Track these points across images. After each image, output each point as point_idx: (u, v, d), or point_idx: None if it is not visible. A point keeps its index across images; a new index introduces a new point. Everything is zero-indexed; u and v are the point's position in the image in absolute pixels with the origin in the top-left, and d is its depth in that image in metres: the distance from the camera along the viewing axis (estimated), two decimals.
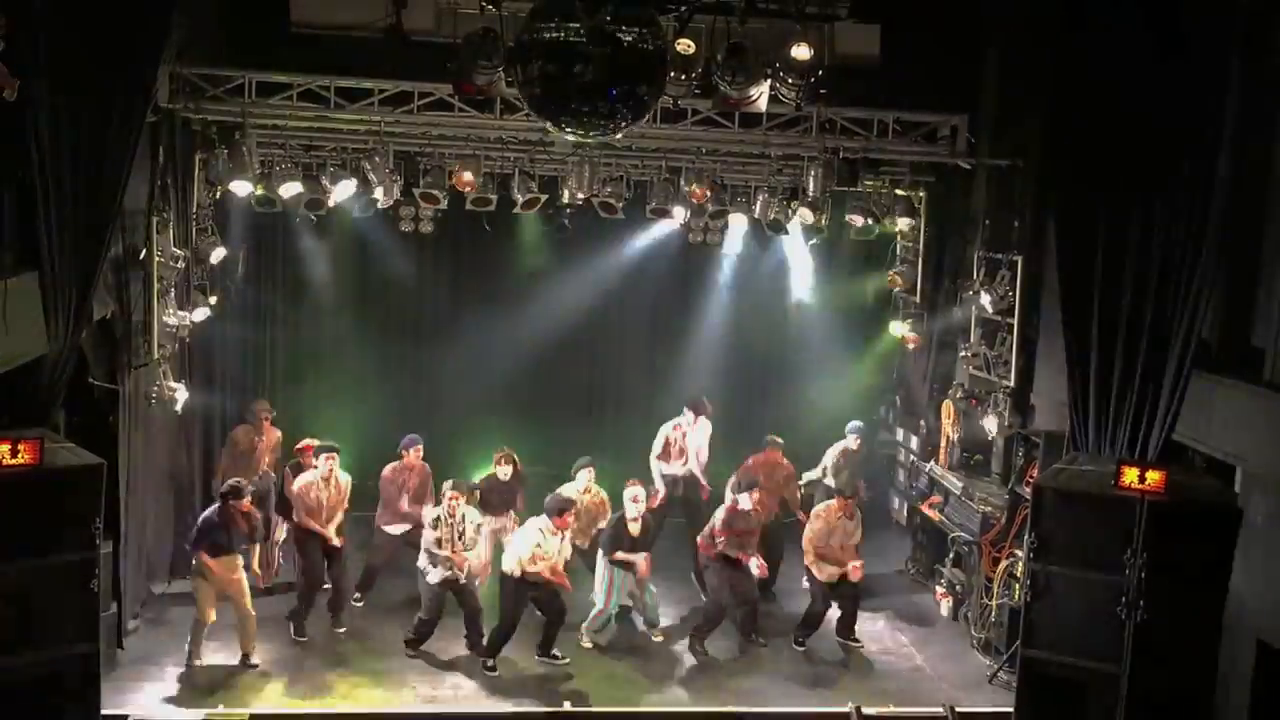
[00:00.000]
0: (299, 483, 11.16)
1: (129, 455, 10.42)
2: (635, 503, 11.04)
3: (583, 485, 11.71)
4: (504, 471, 11.81)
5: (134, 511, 10.58)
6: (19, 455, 7.71)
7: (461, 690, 10.16)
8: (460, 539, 10.61)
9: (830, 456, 13.01)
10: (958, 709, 9.79)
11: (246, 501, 10.38)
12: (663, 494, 12.56)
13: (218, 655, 10.38)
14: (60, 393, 8.76)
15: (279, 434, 12.57)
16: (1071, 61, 9.19)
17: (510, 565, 10.46)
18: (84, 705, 8.27)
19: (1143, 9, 8.71)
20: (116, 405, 10.20)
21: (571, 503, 10.86)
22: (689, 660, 10.93)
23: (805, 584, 11.59)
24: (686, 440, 12.79)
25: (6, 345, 7.91)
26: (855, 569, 11.22)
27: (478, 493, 11.60)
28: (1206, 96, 8.52)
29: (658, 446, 12.78)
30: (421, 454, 11.89)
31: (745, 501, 11.15)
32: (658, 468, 12.71)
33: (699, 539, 11.49)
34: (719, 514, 11.24)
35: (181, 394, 11.34)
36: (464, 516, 10.71)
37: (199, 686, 9.91)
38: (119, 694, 9.46)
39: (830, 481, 12.72)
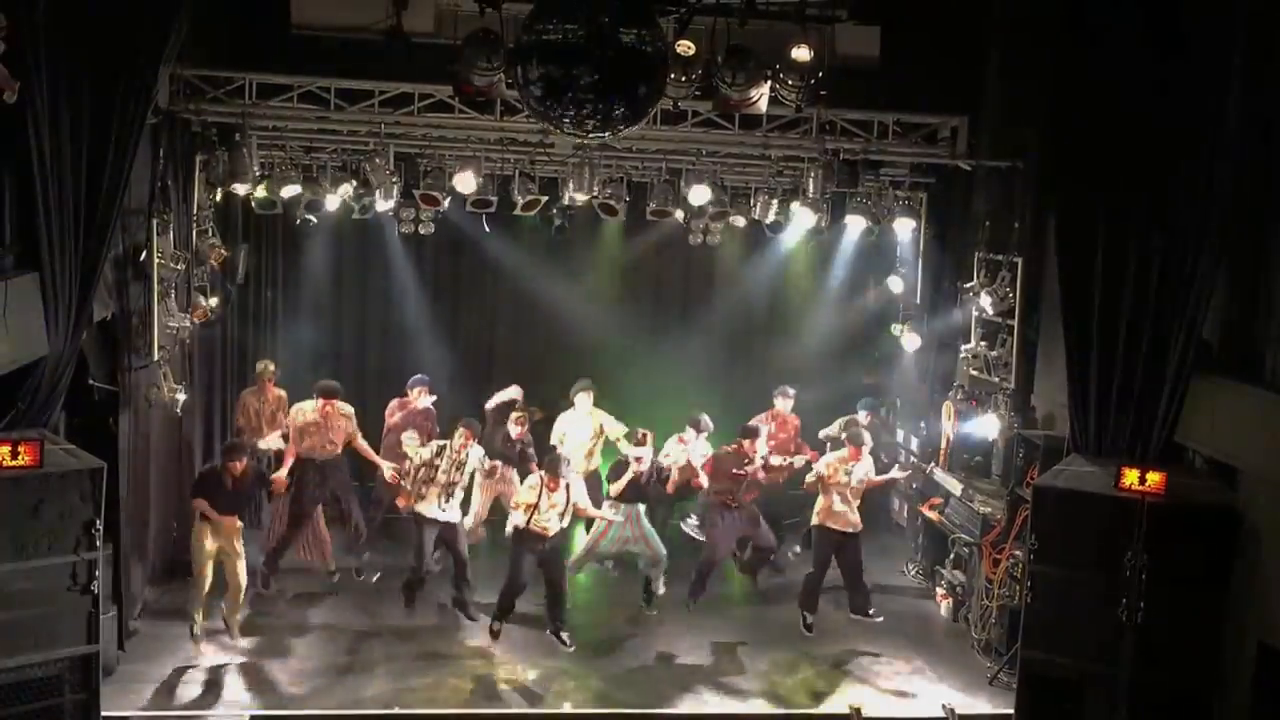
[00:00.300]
0: (294, 409, 11.45)
1: (129, 457, 10.41)
2: (639, 462, 11.29)
3: (585, 410, 12.04)
4: (514, 429, 12.10)
5: (134, 513, 10.57)
6: (19, 457, 7.73)
7: (463, 692, 10.15)
8: (458, 470, 10.84)
9: (837, 425, 13.03)
10: (958, 710, 9.80)
11: (242, 462, 10.42)
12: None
13: (218, 657, 10.38)
14: (60, 394, 8.77)
15: (282, 394, 12.58)
16: (1071, 62, 9.20)
17: (516, 512, 10.67)
18: (84, 707, 8.29)
19: (1143, 9, 8.71)
20: (117, 407, 10.20)
21: (558, 462, 10.75)
22: (689, 662, 10.92)
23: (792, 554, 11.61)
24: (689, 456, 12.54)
25: (7, 346, 7.91)
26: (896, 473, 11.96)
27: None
28: (1206, 97, 8.53)
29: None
30: (427, 393, 12.23)
31: (749, 447, 11.32)
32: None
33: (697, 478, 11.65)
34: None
35: (182, 395, 11.34)
36: (469, 455, 10.96)
37: (199, 688, 9.90)
38: (119, 695, 9.44)
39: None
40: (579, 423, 12.50)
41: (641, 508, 11.45)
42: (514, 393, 12.44)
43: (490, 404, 12.53)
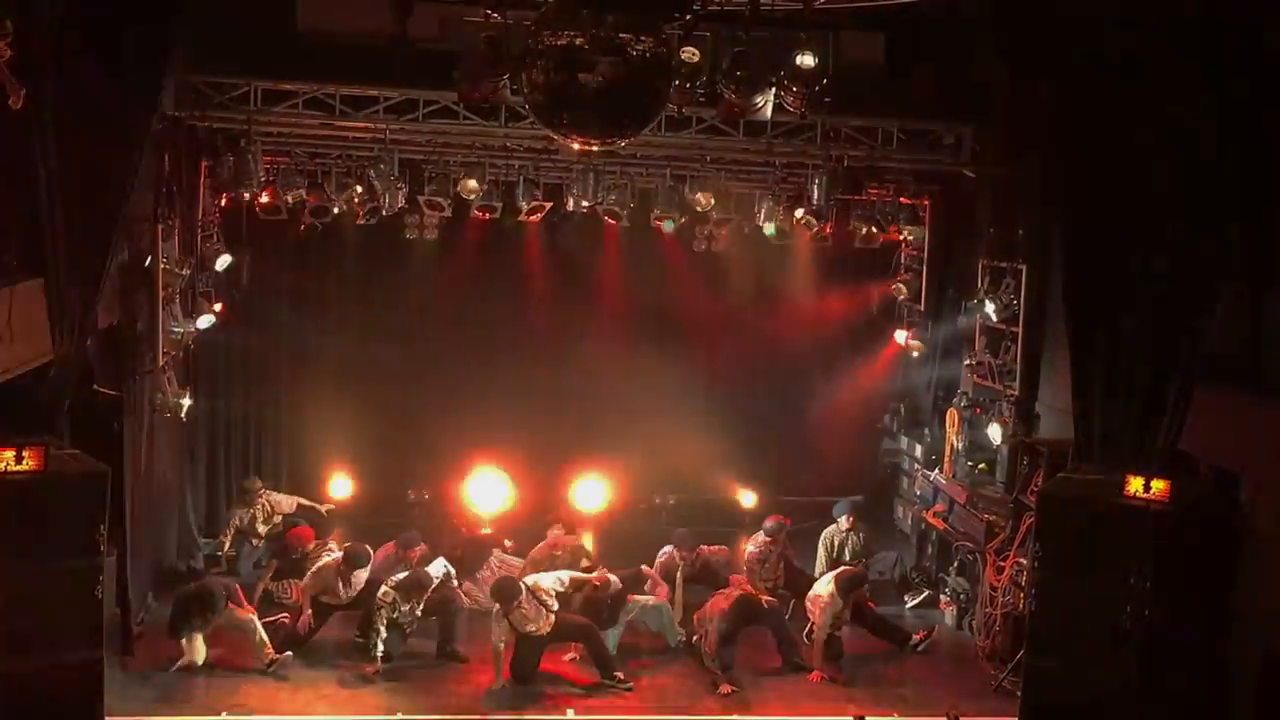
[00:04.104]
0: (317, 566, 10.96)
1: (133, 462, 10.42)
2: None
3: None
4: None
5: (138, 518, 10.57)
6: (24, 462, 7.74)
7: (465, 697, 10.15)
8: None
9: (823, 544, 12.62)
10: (962, 718, 9.77)
11: (230, 606, 10.47)
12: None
13: (223, 663, 10.36)
14: (65, 399, 8.78)
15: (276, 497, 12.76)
16: (1075, 69, 9.18)
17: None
18: (88, 711, 8.28)
19: (1144, 20, 8.70)
20: (121, 412, 10.20)
21: (509, 594, 10.31)
22: (691, 668, 10.91)
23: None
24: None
25: (12, 352, 7.92)
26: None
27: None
28: (1209, 102, 8.52)
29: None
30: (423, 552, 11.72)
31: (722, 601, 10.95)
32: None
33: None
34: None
35: (186, 401, 11.35)
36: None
37: (204, 694, 9.90)
38: (123, 700, 9.43)
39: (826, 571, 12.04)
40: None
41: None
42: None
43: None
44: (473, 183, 12.15)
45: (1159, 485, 8.51)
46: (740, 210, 13.24)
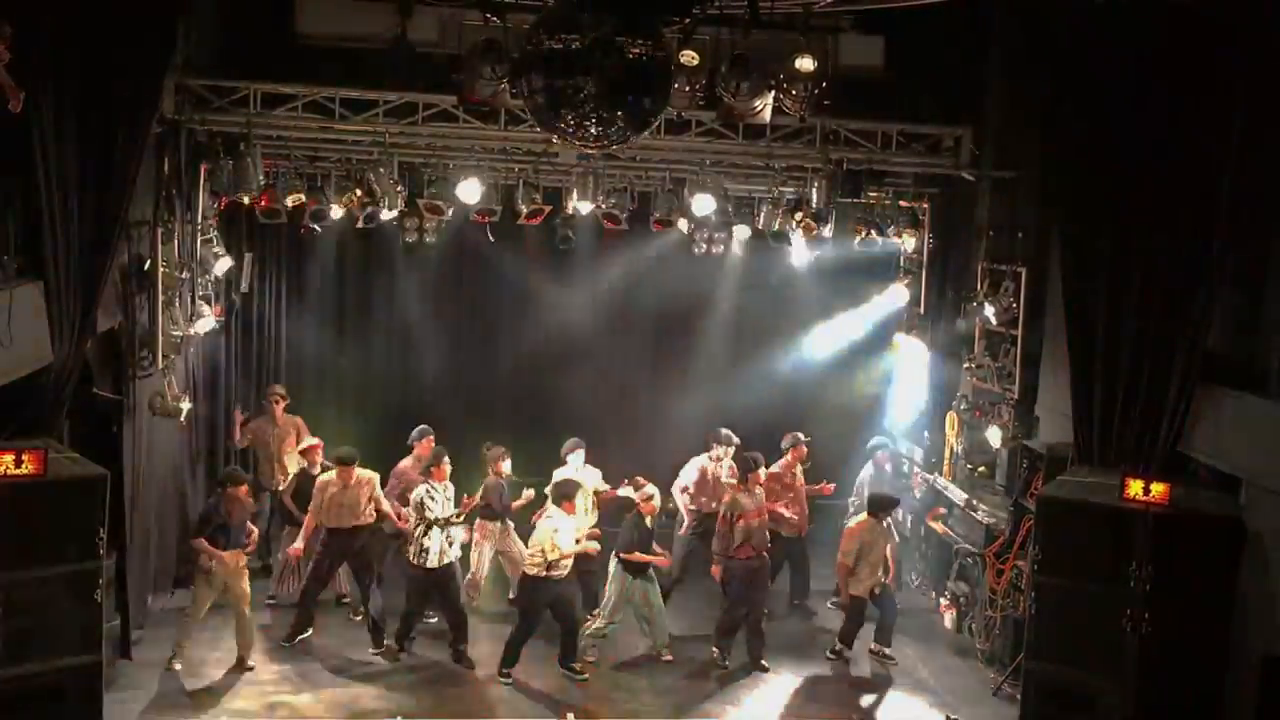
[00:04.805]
0: (318, 484, 11.10)
1: (133, 466, 10.41)
2: (651, 499, 11.03)
3: (576, 467, 11.77)
4: (507, 466, 11.77)
5: (138, 522, 10.56)
6: (23, 465, 7.73)
7: (465, 701, 10.14)
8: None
9: (861, 478, 12.89)
10: None
11: (244, 489, 10.41)
12: (687, 523, 12.36)
13: (222, 667, 10.36)
14: (65, 403, 8.78)
15: (296, 419, 12.64)
16: (1074, 73, 9.20)
17: (533, 563, 10.39)
18: (87, 715, 8.28)
19: (1147, 27, 8.71)
20: (120, 415, 10.21)
21: (577, 485, 10.80)
22: (693, 671, 10.90)
23: (831, 604, 11.49)
24: (722, 470, 12.39)
25: (11, 355, 7.92)
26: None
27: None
28: (1209, 107, 8.53)
29: (689, 477, 12.44)
30: (434, 444, 11.73)
31: (746, 499, 11.07)
32: (682, 500, 12.38)
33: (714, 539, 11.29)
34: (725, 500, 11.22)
35: (185, 404, 11.34)
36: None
37: (204, 698, 9.87)
38: (122, 705, 9.43)
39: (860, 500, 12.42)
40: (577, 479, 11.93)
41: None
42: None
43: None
44: (472, 185, 12.14)
45: (1159, 488, 8.51)
46: (740, 214, 13.24)
